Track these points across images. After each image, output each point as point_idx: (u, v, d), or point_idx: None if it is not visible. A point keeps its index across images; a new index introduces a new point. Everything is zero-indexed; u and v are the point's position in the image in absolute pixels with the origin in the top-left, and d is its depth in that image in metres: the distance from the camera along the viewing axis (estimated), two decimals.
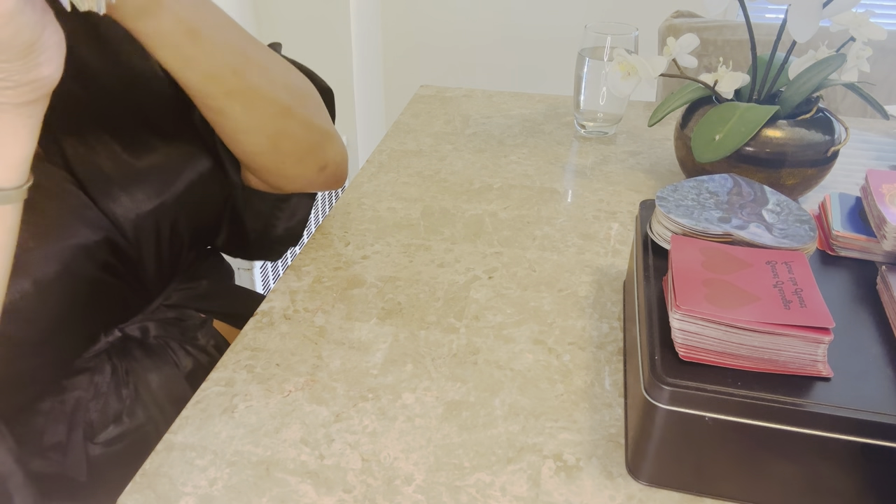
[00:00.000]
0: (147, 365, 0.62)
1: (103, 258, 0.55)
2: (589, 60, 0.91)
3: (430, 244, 0.72)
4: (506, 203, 0.80)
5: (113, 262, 0.57)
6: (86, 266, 0.54)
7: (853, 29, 0.71)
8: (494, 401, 0.53)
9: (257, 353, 0.58)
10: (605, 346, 0.58)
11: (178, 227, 0.61)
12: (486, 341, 0.59)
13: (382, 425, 0.51)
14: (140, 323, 0.62)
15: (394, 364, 0.56)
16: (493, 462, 0.48)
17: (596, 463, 0.48)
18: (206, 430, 0.51)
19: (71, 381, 0.59)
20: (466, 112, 1.04)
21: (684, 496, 0.46)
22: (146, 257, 0.60)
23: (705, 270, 0.47)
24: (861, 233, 0.56)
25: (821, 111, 0.75)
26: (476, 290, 0.65)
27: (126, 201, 0.56)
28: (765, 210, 0.55)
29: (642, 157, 0.91)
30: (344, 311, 0.62)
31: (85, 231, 0.53)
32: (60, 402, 0.58)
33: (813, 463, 0.42)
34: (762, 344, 0.43)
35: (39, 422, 0.58)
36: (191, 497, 0.46)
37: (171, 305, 0.65)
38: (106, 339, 0.60)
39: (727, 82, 0.75)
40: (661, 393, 0.42)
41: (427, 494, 0.46)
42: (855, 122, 1.00)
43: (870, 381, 0.43)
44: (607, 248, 0.72)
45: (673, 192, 0.56)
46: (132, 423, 0.60)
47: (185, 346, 0.65)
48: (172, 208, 0.60)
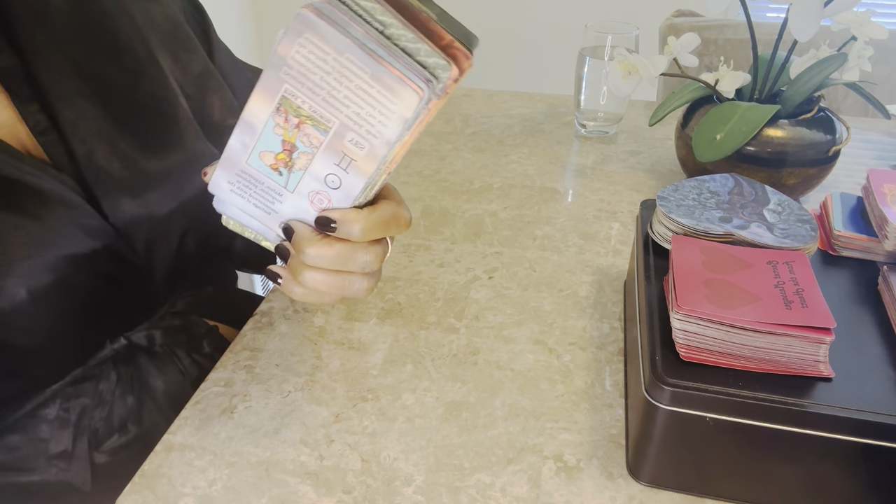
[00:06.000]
0: (152, 372, 0.61)
1: (104, 268, 0.55)
2: (589, 60, 0.91)
3: (430, 244, 0.72)
4: (506, 203, 0.80)
5: (115, 272, 0.56)
6: (84, 275, 0.53)
7: (854, 28, 0.71)
8: (495, 401, 0.53)
9: (257, 354, 0.58)
10: (606, 346, 0.58)
11: (188, 235, 0.61)
12: (486, 341, 0.59)
13: (382, 426, 0.51)
14: (146, 331, 0.61)
15: (394, 364, 0.56)
16: (493, 463, 0.48)
17: (596, 463, 0.48)
18: (206, 430, 0.51)
19: (76, 388, 0.58)
20: (466, 111, 1.04)
21: (685, 497, 0.45)
22: (156, 265, 0.60)
23: (706, 270, 0.47)
24: (862, 233, 0.56)
25: (822, 111, 0.74)
26: (476, 290, 0.65)
27: (136, 207, 0.56)
28: (766, 210, 0.54)
29: (643, 157, 0.91)
30: (343, 311, 0.62)
31: (84, 240, 0.53)
32: (65, 410, 0.58)
33: (814, 463, 0.42)
34: (763, 344, 0.43)
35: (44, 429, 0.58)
36: (190, 498, 0.46)
37: (177, 312, 0.64)
38: (112, 346, 0.59)
39: (728, 81, 0.74)
40: (662, 393, 0.42)
41: (427, 495, 0.46)
42: (856, 121, 1.00)
43: (871, 382, 0.43)
44: (608, 248, 0.71)
45: (674, 191, 0.56)
46: (138, 431, 0.60)
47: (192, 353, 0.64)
48: (183, 215, 0.59)
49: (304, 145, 0.37)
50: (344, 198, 0.39)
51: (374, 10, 0.33)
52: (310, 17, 0.32)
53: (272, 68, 0.34)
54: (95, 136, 0.54)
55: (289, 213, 0.40)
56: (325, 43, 0.33)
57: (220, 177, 0.40)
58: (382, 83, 0.33)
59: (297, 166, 0.38)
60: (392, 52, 0.33)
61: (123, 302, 0.59)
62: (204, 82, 0.64)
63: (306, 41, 0.33)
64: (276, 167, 0.38)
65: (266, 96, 0.35)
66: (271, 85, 0.35)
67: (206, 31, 0.68)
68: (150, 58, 0.58)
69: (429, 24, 0.34)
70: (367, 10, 0.33)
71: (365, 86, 0.34)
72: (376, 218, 0.39)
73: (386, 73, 0.33)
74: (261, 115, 0.36)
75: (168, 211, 0.58)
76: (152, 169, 0.57)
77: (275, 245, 0.43)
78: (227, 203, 0.42)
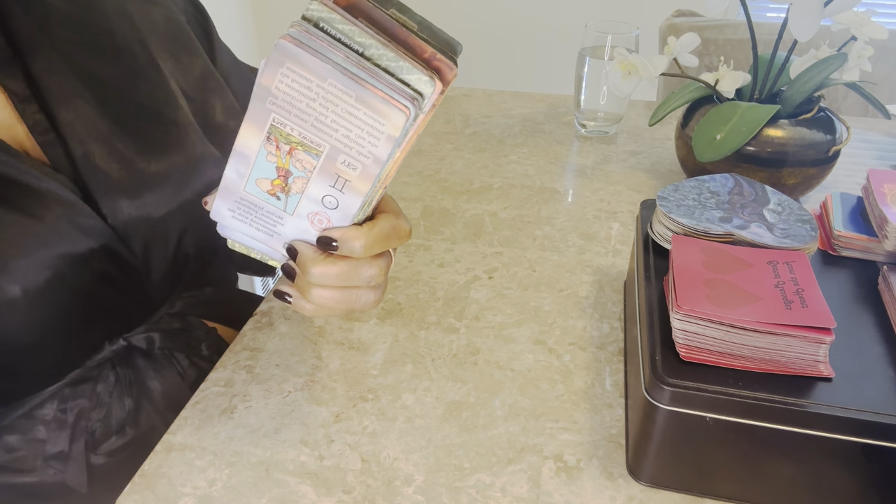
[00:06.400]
0: (150, 374, 0.61)
1: (101, 268, 0.55)
2: (589, 59, 0.91)
3: (430, 244, 0.72)
4: (506, 203, 0.80)
5: (112, 272, 0.56)
6: (81, 275, 0.53)
7: (854, 28, 0.71)
8: (494, 401, 0.53)
9: (257, 354, 0.58)
10: (606, 346, 0.58)
11: (186, 237, 0.61)
12: (486, 341, 0.59)
13: (382, 426, 0.51)
14: (145, 333, 0.61)
15: (394, 364, 0.56)
16: (493, 463, 0.48)
17: (596, 463, 0.48)
18: (206, 430, 0.51)
19: (73, 389, 0.58)
20: (466, 111, 1.04)
21: (685, 497, 0.45)
22: (153, 266, 0.60)
23: (706, 270, 0.47)
24: (862, 233, 0.56)
25: (822, 110, 0.74)
26: (476, 290, 0.65)
27: (134, 209, 0.56)
28: (766, 210, 0.54)
29: (643, 157, 0.91)
30: None
31: (81, 239, 0.52)
32: (62, 411, 0.58)
33: (814, 463, 0.42)
34: (763, 344, 0.43)
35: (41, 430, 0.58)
36: (190, 498, 0.46)
37: (176, 314, 0.64)
38: (110, 347, 0.59)
39: (728, 81, 0.74)
40: (662, 393, 0.42)
41: (427, 495, 0.46)
42: (856, 121, 1.00)
43: (871, 382, 0.43)
44: (608, 248, 0.71)
45: (674, 191, 0.56)
46: (135, 433, 0.60)
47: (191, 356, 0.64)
48: (181, 217, 0.59)
49: (298, 170, 0.37)
50: (343, 216, 0.39)
51: (352, 33, 0.33)
52: (288, 48, 0.33)
53: (258, 99, 0.35)
54: (93, 137, 0.54)
55: (291, 234, 0.41)
56: (306, 71, 0.33)
57: (221, 205, 0.41)
58: (368, 105, 0.33)
59: (294, 190, 0.38)
60: (374, 74, 0.33)
61: (121, 302, 0.59)
62: (205, 84, 0.64)
63: (288, 70, 0.33)
64: (273, 192, 0.39)
65: (255, 127, 0.36)
66: (259, 115, 0.35)
67: (207, 33, 0.68)
68: (149, 60, 0.58)
69: (409, 38, 0.34)
70: (346, 33, 0.33)
71: (351, 109, 0.34)
72: (376, 233, 0.40)
73: (370, 94, 0.33)
74: (252, 146, 0.37)
75: (166, 212, 0.58)
76: (151, 171, 0.57)
77: (281, 265, 0.43)
78: (231, 228, 0.42)
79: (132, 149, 0.56)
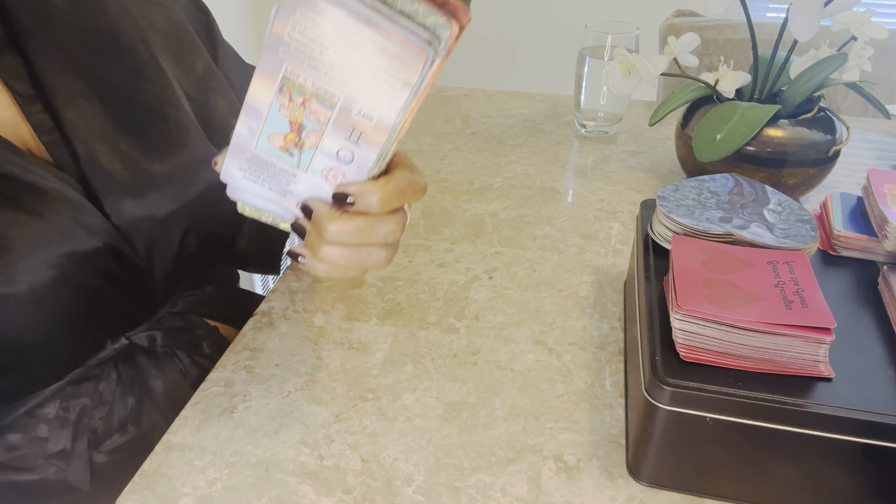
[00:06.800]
0: (152, 373, 0.61)
1: (105, 266, 0.55)
2: (589, 59, 0.91)
3: (430, 244, 0.72)
4: (506, 203, 0.80)
5: (116, 271, 0.56)
6: (85, 273, 0.53)
7: (854, 28, 0.71)
8: (494, 401, 0.53)
9: (257, 354, 0.58)
10: (606, 346, 0.58)
11: (189, 237, 0.61)
12: (486, 341, 0.59)
13: (382, 426, 0.51)
14: (147, 332, 0.61)
15: (394, 364, 0.56)
16: (493, 463, 0.48)
17: (596, 463, 0.48)
18: (206, 430, 0.51)
19: (75, 388, 0.58)
20: (466, 111, 1.04)
21: (685, 497, 0.45)
22: (156, 265, 0.60)
23: (706, 270, 0.47)
24: (862, 233, 0.56)
25: (822, 110, 0.74)
26: (476, 290, 0.65)
27: (138, 208, 0.56)
28: (766, 210, 0.54)
29: (643, 157, 0.91)
30: (343, 311, 0.62)
31: (85, 238, 0.53)
32: (65, 410, 0.58)
33: (814, 463, 0.42)
34: (763, 344, 0.43)
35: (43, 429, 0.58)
36: (190, 498, 0.46)
37: (177, 313, 0.65)
38: (113, 346, 0.60)
39: (728, 81, 0.74)
40: (662, 393, 0.42)
41: (427, 495, 0.46)
42: (856, 121, 1.00)
43: (871, 382, 0.43)
44: (608, 248, 0.71)
45: (674, 191, 0.56)
46: (137, 432, 0.60)
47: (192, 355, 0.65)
48: (184, 216, 0.59)
49: (312, 123, 0.36)
50: (358, 171, 0.38)
51: None
52: None
53: (269, 49, 0.33)
54: (97, 137, 0.54)
55: (304, 192, 0.40)
56: (319, 16, 0.32)
57: (231, 165, 0.39)
58: (384, 50, 0.32)
59: (308, 145, 0.37)
60: (390, 17, 0.32)
61: (123, 301, 0.59)
62: (207, 84, 0.64)
63: (301, 16, 0.32)
64: (286, 148, 0.37)
65: (267, 78, 0.35)
66: (271, 66, 0.34)
67: (210, 33, 0.68)
68: (151, 60, 0.58)
69: None
70: None
71: (366, 55, 0.32)
72: (393, 187, 0.39)
73: (386, 39, 0.32)
74: (264, 99, 0.35)
75: (169, 212, 0.58)
76: (154, 170, 0.57)
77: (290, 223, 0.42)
78: (241, 190, 0.41)
79: (136, 149, 0.56)
